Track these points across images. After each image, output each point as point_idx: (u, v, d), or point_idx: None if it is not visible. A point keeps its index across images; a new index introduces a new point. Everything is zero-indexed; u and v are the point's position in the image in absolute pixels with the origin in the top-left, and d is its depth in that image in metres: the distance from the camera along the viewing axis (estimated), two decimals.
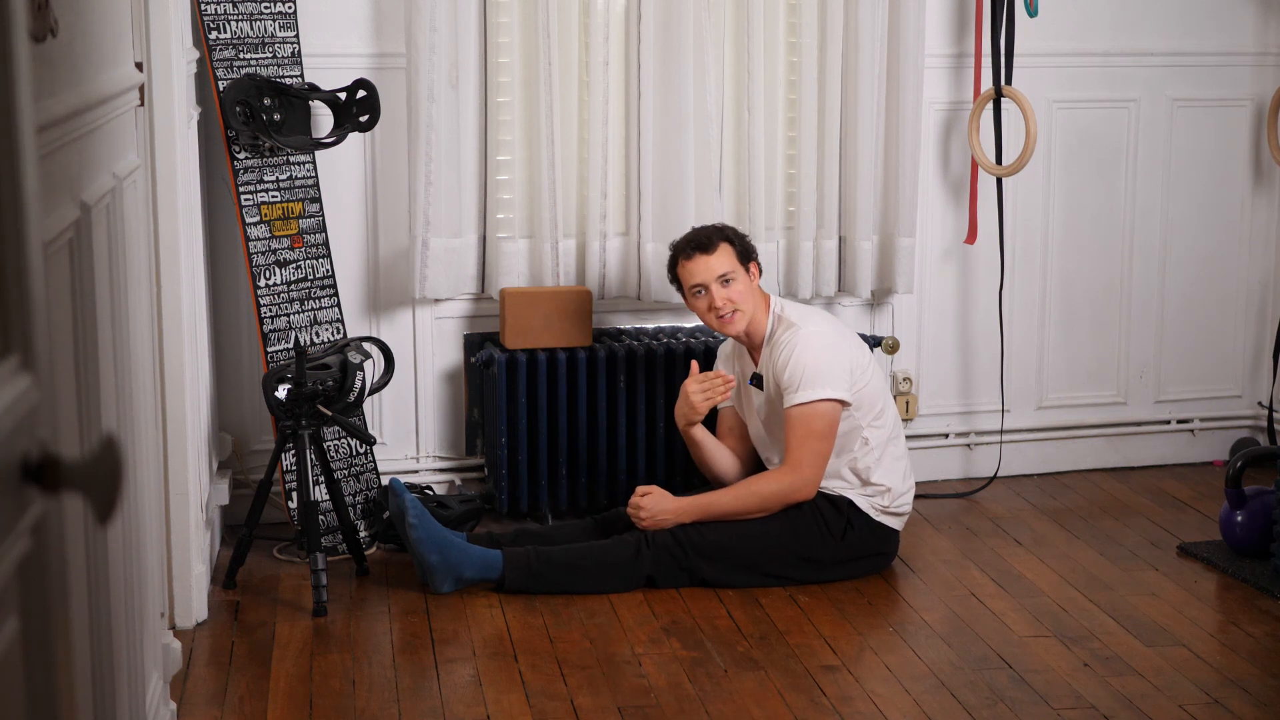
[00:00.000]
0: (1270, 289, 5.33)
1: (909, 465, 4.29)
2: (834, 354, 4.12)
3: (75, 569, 2.14)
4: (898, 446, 4.25)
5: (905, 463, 4.26)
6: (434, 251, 4.53)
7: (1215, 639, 3.87)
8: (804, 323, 4.17)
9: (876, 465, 4.18)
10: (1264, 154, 5.23)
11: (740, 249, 4.21)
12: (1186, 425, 5.36)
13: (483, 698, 3.50)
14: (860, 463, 4.18)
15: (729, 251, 4.18)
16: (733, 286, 4.16)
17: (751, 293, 4.20)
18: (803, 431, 4.09)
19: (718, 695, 3.51)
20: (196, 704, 3.46)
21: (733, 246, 4.19)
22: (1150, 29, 5.11)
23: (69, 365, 2.20)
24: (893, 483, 4.20)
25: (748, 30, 4.66)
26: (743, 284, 4.18)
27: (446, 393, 4.78)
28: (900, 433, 4.28)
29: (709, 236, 4.20)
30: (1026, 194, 5.07)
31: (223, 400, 4.60)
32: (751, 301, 4.19)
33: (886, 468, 4.20)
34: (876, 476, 4.18)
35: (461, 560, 4.06)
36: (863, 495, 4.19)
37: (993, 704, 3.47)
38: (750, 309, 4.18)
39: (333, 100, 4.35)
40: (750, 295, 4.19)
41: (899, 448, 4.25)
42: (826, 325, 4.20)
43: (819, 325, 4.18)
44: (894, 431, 4.24)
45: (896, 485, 4.21)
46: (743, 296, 4.17)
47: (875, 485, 4.18)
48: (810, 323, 4.17)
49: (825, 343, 4.13)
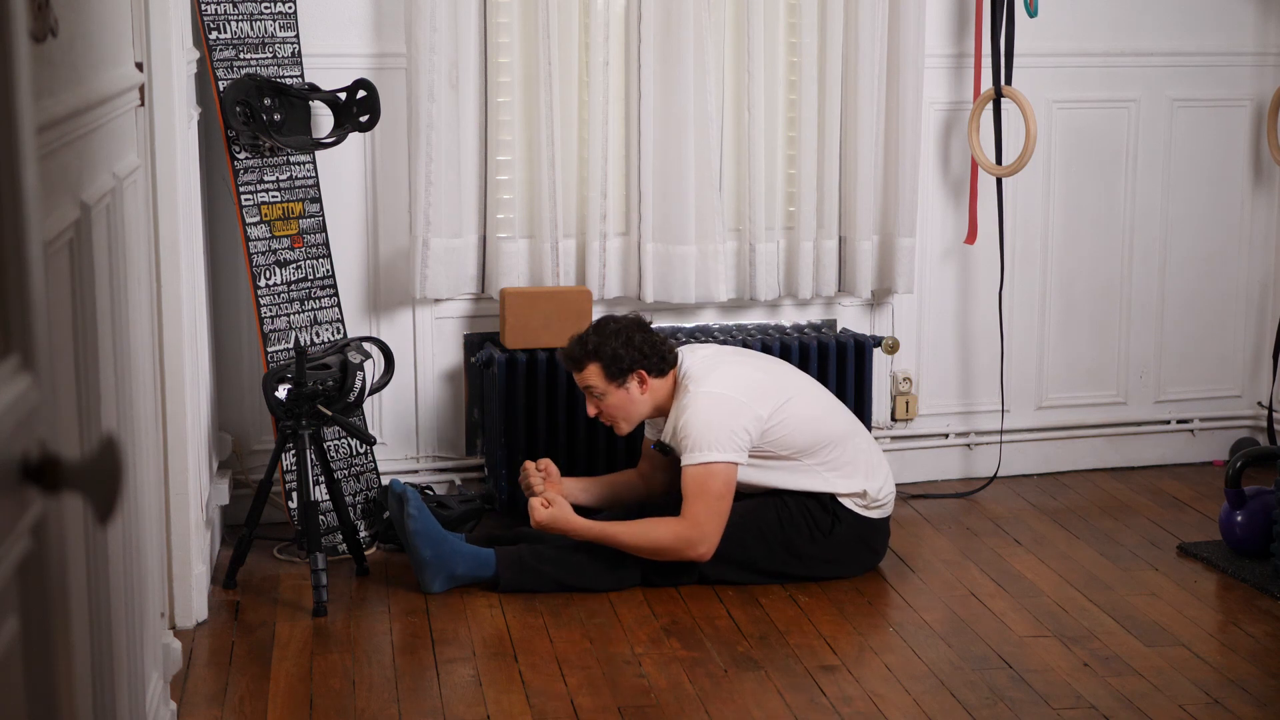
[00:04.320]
0: (1270, 289, 5.33)
1: (876, 461, 4.23)
2: (725, 414, 4.04)
3: (75, 569, 2.14)
4: (853, 453, 4.19)
5: (869, 462, 4.21)
6: (434, 251, 4.54)
7: (1215, 639, 3.87)
8: (700, 382, 4.10)
9: (834, 480, 4.16)
10: (1264, 154, 5.23)
11: (608, 368, 4.11)
12: (1186, 425, 5.36)
13: (483, 698, 3.50)
14: (815, 482, 4.16)
15: (596, 372, 4.13)
16: (605, 400, 4.16)
17: (629, 402, 4.15)
18: (697, 490, 4.04)
19: (718, 695, 3.51)
20: (196, 704, 3.46)
21: (601, 365, 4.12)
22: (1150, 29, 5.11)
23: (69, 365, 2.19)
24: (862, 486, 4.18)
25: (748, 30, 4.66)
26: (613, 399, 4.15)
27: (446, 393, 4.78)
28: (856, 438, 4.22)
29: (579, 357, 4.14)
30: (1026, 194, 5.07)
31: (223, 400, 4.60)
32: (633, 409, 4.16)
33: (847, 476, 4.17)
34: (841, 488, 4.16)
35: (455, 557, 4.06)
36: (842, 495, 4.18)
37: (993, 704, 3.47)
38: (634, 415, 4.17)
39: (333, 100, 4.35)
40: (628, 404, 4.15)
41: (855, 453, 4.19)
42: (725, 385, 4.10)
43: (715, 385, 4.09)
44: (843, 446, 4.18)
45: (868, 486, 4.19)
46: (616, 408, 4.16)
47: (847, 491, 4.17)
48: (706, 382, 4.10)
49: (716, 404, 4.06)
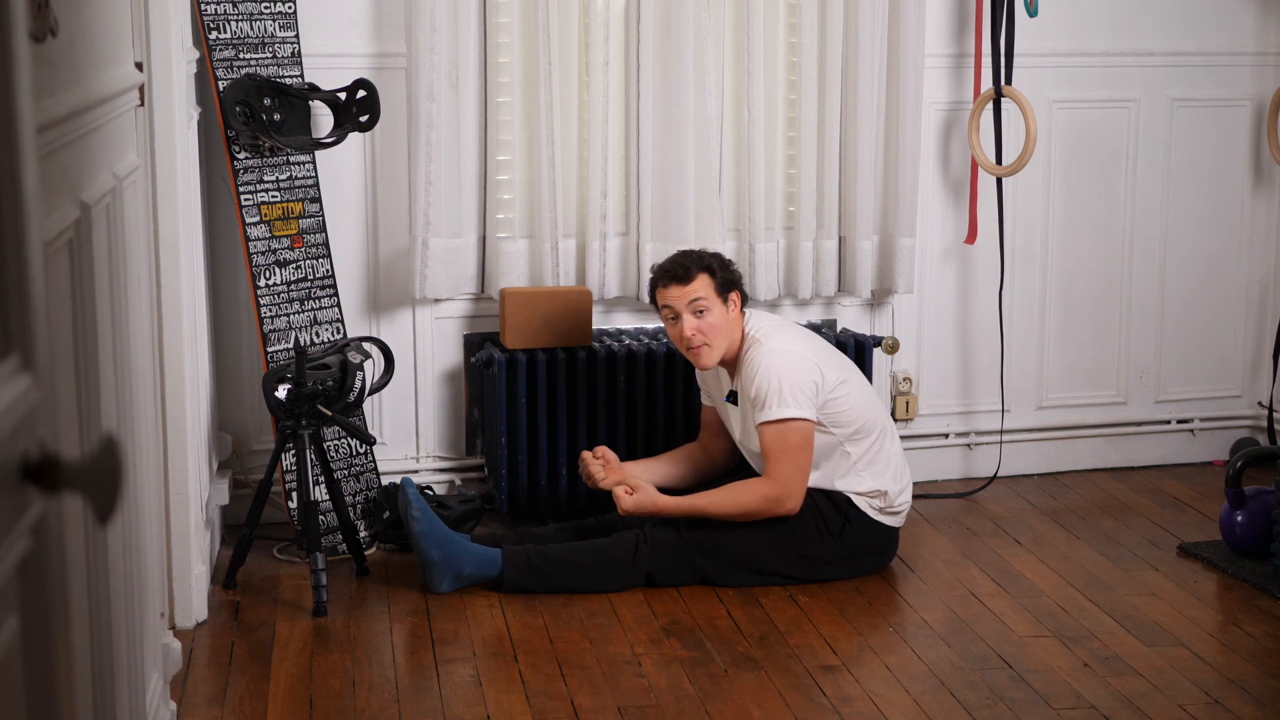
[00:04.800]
0: (1270, 289, 5.33)
1: (903, 465, 4.27)
2: (796, 372, 4.07)
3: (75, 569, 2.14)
4: (887, 452, 4.22)
5: (898, 465, 4.24)
6: (434, 251, 4.54)
7: (1215, 639, 3.87)
8: (770, 339, 4.12)
9: (862, 474, 4.18)
10: (1264, 154, 5.23)
11: (721, 280, 4.14)
12: (1186, 425, 5.36)
13: (483, 698, 3.50)
14: (840, 472, 4.18)
15: (707, 282, 4.12)
16: (705, 318, 4.11)
17: (726, 324, 4.13)
18: (778, 447, 4.07)
19: (718, 695, 3.51)
20: (196, 704, 3.46)
21: (712, 277, 4.13)
22: (1150, 29, 5.11)
23: (69, 365, 2.19)
24: (886, 485, 4.20)
25: (748, 30, 4.66)
26: (717, 316, 4.12)
27: (446, 393, 4.78)
28: (891, 437, 4.25)
29: (687, 266, 4.13)
30: (1026, 194, 5.07)
31: (223, 400, 4.60)
32: (725, 335, 4.13)
33: (876, 474, 4.19)
34: (865, 485, 4.18)
35: (462, 557, 4.06)
36: (859, 496, 4.19)
37: (993, 704, 3.47)
38: (722, 343, 4.14)
39: (333, 100, 4.35)
40: (724, 328, 4.13)
41: (889, 452, 4.22)
42: (793, 343, 4.15)
43: (784, 343, 4.13)
44: (881, 441, 4.21)
45: (890, 488, 4.20)
46: (714, 330, 4.11)
47: (869, 490, 4.18)
48: (775, 339, 4.13)
49: (788, 361, 4.08)
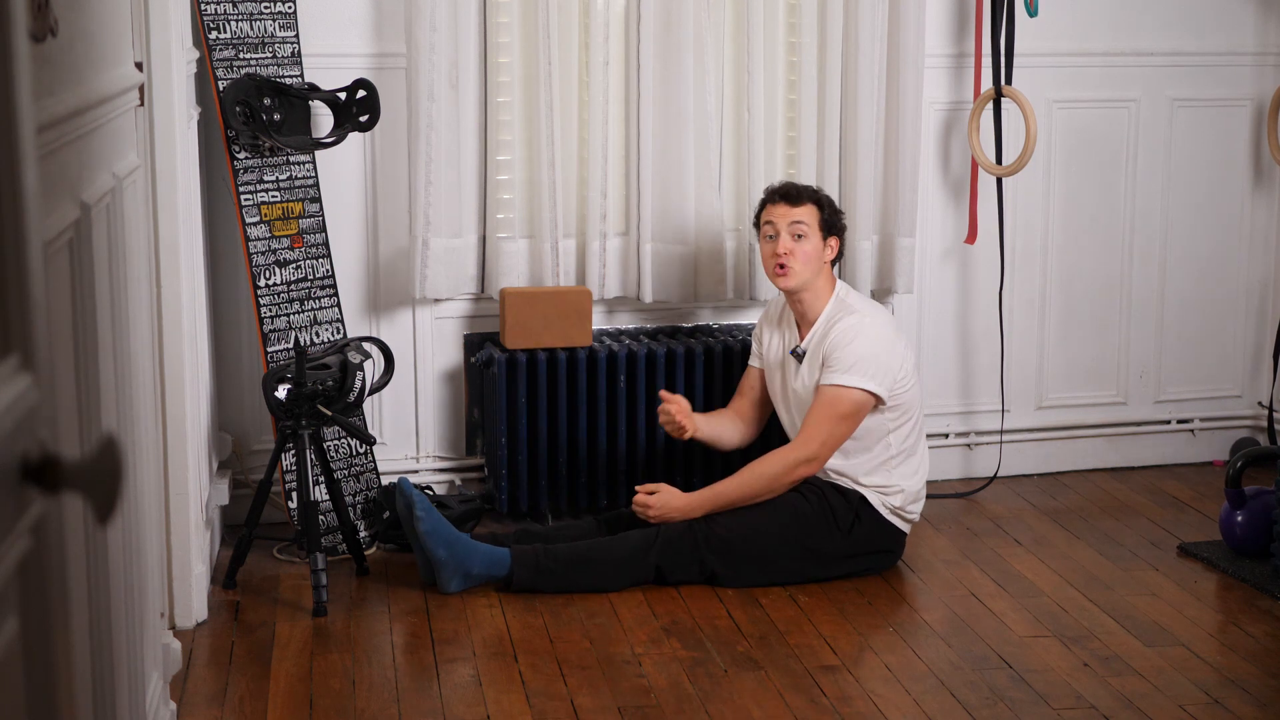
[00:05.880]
0: (1270, 289, 5.33)
1: (926, 471, 4.32)
2: (888, 353, 4.16)
3: (75, 569, 2.14)
4: (918, 452, 4.28)
5: (923, 470, 4.30)
6: (434, 251, 4.53)
7: (1215, 639, 3.87)
8: (866, 315, 4.20)
9: (895, 467, 4.22)
10: (1264, 154, 5.23)
11: (826, 217, 4.23)
12: (1186, 425, 5.36)
13: (483, 698, 3.50)
14: (877, 461, 4.21)
15: (813, 212, 4.22)
16: (802, 243, 4.19)
17: (817, 258, 4.21)
18: (828, 410, 4.12)
19: (718, 695, 3.51)
20: (196, 704, 3.46)
21: (820, 211, 4.23)
22: (1150, 29, 5.11)
23: (69, 365, 2.19)
24: (907, 485, 4.22)
25: (747, 30, 4.66)
26: (812, 245, 4.19)
27: (446, 393, 4.78)
28: (922, 440, 4.31)
29: (800, 191, 4.24)
30: (1026, 194, 5.07)
31: (223, 400, 4.60)
32: (813, 268, 4.20)
33: (904, 471, 4.24)
34: (894, 478, 4.21)
35: (470, 557, 4.06)
36: (875, 491, 4.20)
37: (993, 704, 3.47)
38: (808, 275, 4.20)
39: (333, 100, 4.35)
40: (814, 260, 4.20)
41: (919, 454, 4.29)
42: (887, 323, 4.26)
43: (880, 320, 4.23)
44: (917, 439, 4.28)
45: (910, 489, 4.23)
46: (807, 257, 4.19)
47: (889, 486, 4.20)
48: (872, 316, 4.22)
49: (884, 341, 4.18)
